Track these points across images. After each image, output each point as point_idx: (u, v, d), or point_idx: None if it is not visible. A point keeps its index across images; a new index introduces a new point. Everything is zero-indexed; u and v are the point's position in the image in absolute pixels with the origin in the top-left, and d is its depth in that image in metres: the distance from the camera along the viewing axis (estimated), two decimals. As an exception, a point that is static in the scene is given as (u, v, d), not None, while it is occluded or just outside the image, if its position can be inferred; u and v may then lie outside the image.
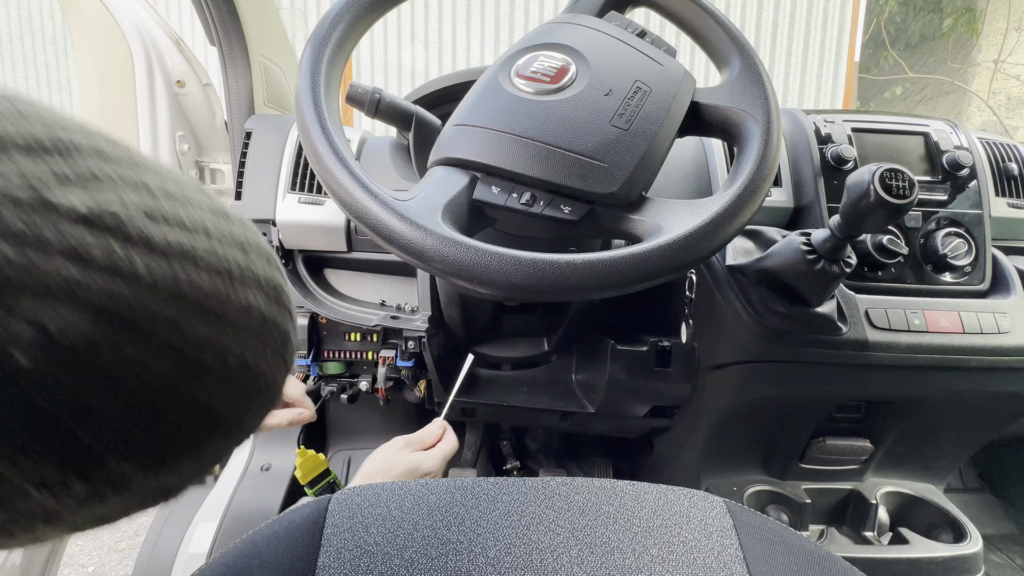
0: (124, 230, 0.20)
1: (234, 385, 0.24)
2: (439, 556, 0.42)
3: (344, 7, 0.55)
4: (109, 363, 0.20)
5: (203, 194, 0.24)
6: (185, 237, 0.22)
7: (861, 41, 2.95)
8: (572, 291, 0.44)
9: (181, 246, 0.22)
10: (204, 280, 0.22)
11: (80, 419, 0.19)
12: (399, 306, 0.92)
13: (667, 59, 0.56)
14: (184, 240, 0.22)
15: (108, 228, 0.20)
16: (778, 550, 0.44)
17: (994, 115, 3.91)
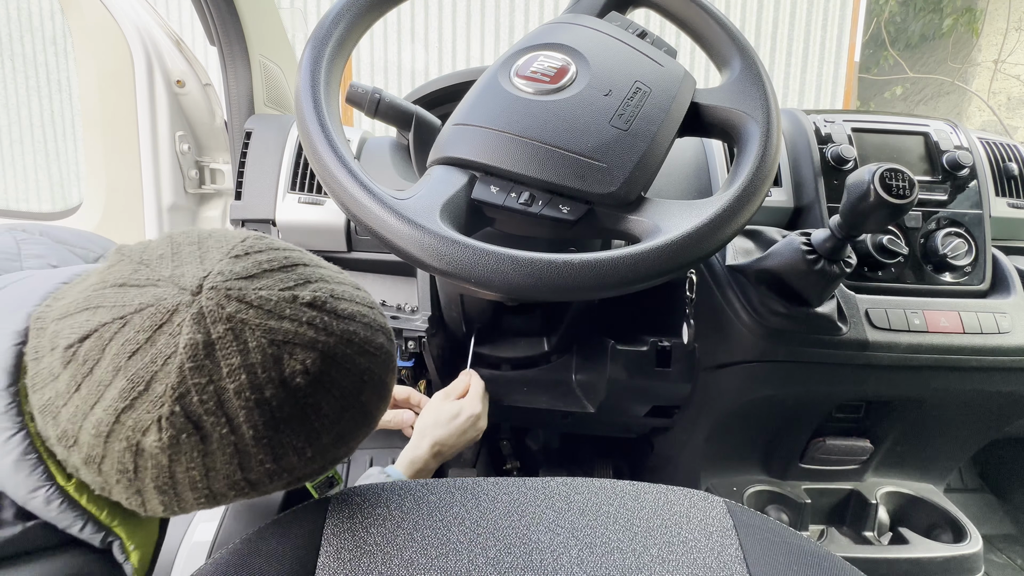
0: (328, 307, 0.39)
1: (376, 392, 0.43)
2: (439, 556, 0.42)
3: (344, 7, 0.55)
4: (326, 382, 0.38)
5: (353, 284, 0.43)
6: (350, 305, 0.41)
7: (861, 41, 2.95)
8: (571, 291, 0.44)
9: (352, 312, 0.41)
10: (361, 331, 0.41)
11: (314, 411, 0.38)
12: (399, 306, 0.92)
13: (667, 60, 0.56)
14: (351, 309, 0.41)
15: (321, 307, 0.39)
16: (778, 550, 0.44)
17: (994, 115, 3.91)
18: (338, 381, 0.39)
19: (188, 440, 0.35)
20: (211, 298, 0.35)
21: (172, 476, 0.36)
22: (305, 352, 0.37)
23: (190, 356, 0.34)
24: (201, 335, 0.35)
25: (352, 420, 0.42)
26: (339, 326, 0.39)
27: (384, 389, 0.44)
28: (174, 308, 0.35)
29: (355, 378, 0.40)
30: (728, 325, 0.72)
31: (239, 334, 0.35)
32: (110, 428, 0.34)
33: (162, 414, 0.34)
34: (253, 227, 0.86)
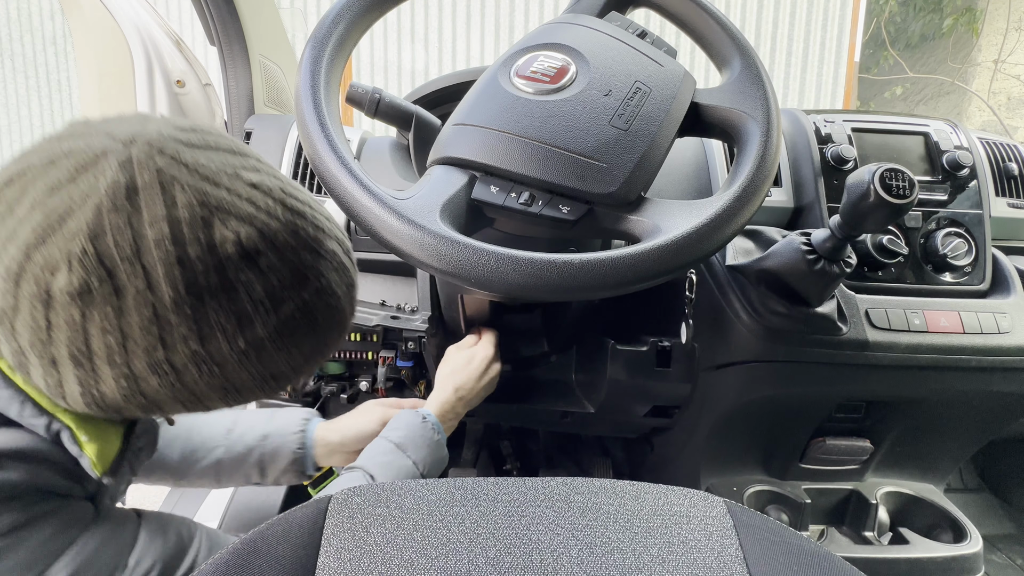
0: (274, 195, 0.38)
1: (323, 298, 0.41)
2: (439, 556, 0.42)
3: (344, 7, 0.55)
4: (262, 263, 0.37)
5: (320, 203, 0.43)
6: (302, 205, 0.40)
7: (861, 41, 2.95)
8: (570, 291, 0.44)
9: (302, 209, 0.40)
10: (311, 230, 0.40)
11: (246, 290, 0.36)
12: (399, 306, 0.92)
13: (667, 60, 0.56)
14: (302, 207, 0.40)
15: (267, 192, 0.38)
16: (778, 550, 0.44)
17: (994, 115, 3.91)
18: (276, 267, 0.37)
19: (101, 289, 0.33)
20: (143, 150, 0.34)
21: (87, 341, 0.34)
22: (240, 224, 0.35)
23: (110, 197, 0.33)
24: (125, 178, 0.33)
25: (293, 320, 0.39)
26: (285, 215, 0.38)
27: (334, 300, 0.42)
28: (102, 152, 0.34)
29: (297, 272, 0.38)
30: (728, 325, 0.72)
31: (167, 187, 0.34)
32: (20, 267, 0.33)
33: (73, 251, 0.32)
34: None
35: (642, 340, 0.82)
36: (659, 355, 0.82)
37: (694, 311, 0.74)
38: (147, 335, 0.35)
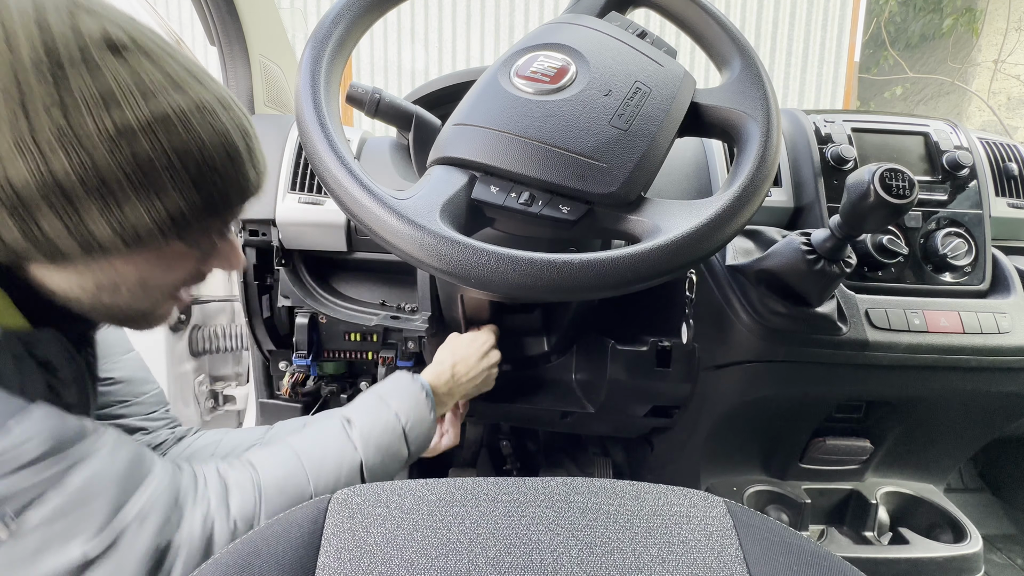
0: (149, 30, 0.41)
1: (204, 116, 0.41)
2: (439, 556, 0.43)
3: (344, 7, 0.55)
4: (130, 59, 0.38)
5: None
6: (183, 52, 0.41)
7: (861, 41, 2.95)
8: (570, 291, 0.44)
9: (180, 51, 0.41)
10: (190, 63, 0.42)
11: (112, 74, 0.37)
12: (399, 306, 0.92)
13: (667, 60, 0.56)
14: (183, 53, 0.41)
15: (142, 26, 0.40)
16: (778, 550, 0.44)
17: (994, 115, 3.91)
18: (146, 68, 0.38)
19: None
20: None
21: None
22: (108, 23, 0.38)
23: None
24: None
25: (168, 122, 0.39)
26: (159, 40, 0.41)
27: (219, 126, 0.42)
28: None
29: (170, 78, 0.39)
30: (728, 325, 0.72)
31: None
32: None
33: None
34: (253, 227, 0.86)
35: (642, 340, 0.82)
36: (659, 355, 0.82)
37: (694, 311, 0.74)
38: (8, 100, 0.34)
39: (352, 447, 0.55)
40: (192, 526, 0.43)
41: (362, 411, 0.60)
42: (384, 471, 0.57)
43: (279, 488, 0.49)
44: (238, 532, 0.45)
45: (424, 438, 0.63)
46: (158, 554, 0.40)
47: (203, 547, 0.43)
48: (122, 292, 0.45)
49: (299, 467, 0.51)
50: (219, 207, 0.45)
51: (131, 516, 0.40)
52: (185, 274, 0.49)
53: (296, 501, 0.47)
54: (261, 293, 0.92)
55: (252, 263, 0.90)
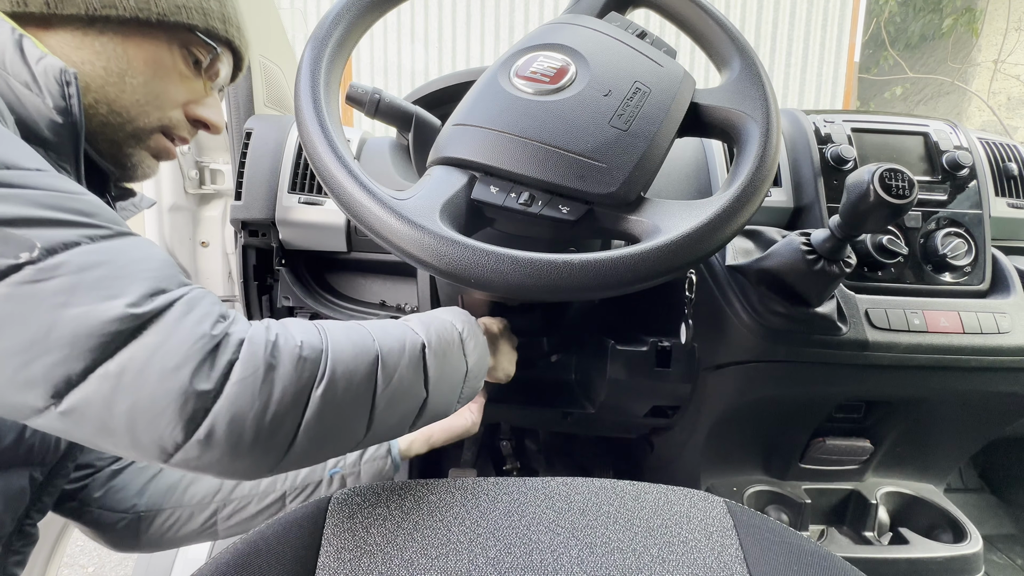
0: None
1: None
2: (439, 556, 0.43)
3: (344, 7, 0.55)
4: None
5: None
6: None
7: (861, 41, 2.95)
8: (570, 291, 0.44)
9: None
10: None
11: None
12: (399, 306, 0.92)
13: (667, 60, 0.56)
14: None
15: None
16: (778, 550, 0.44)
17: (994, 115, 3.91)
18: None
19: None
20: None
21: None
22: None
23: None
24: None
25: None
26: None
27: None
28: None
29: None
30: (728, 325, 0.72)
31: None
32: None
33: None
34: (253, 227, 0.86)
35: (642, 340, 0.82)
36: (659, 355, 0.82)
37: (694, 311, 0.74)
38: None
39: (411, 330, 0.49)
40: (255, 330, 0.38)
41: (415, 316, 0.54)
42: (447, 373, 0.49)
43: (344, 332, 0.43)
44: (304, 355, 0.39)
45: (481, 357, 0.55)
46: (214, 341, 0.36)
47: (268, 350, 0.38)
48: (127, 86, 0.51)
49: (360, 327, 0.46)
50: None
51: (177, 297, 0.36)
52: (184, 93, 0.55)
53: (362, 350, 0.42)
54: (261, 293, 0.92)
55: (252, 263, 0.90)
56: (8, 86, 0.44)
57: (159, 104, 0.53)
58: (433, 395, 0.47)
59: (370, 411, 0.43)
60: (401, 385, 0.44)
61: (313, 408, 0.39)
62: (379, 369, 0.43)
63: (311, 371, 0.39)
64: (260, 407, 0.36)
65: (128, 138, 0.53)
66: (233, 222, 0.86)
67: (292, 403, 0.38)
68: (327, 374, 0.39)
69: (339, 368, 0.40)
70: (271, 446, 0.37)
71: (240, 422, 0.35)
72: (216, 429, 0.35)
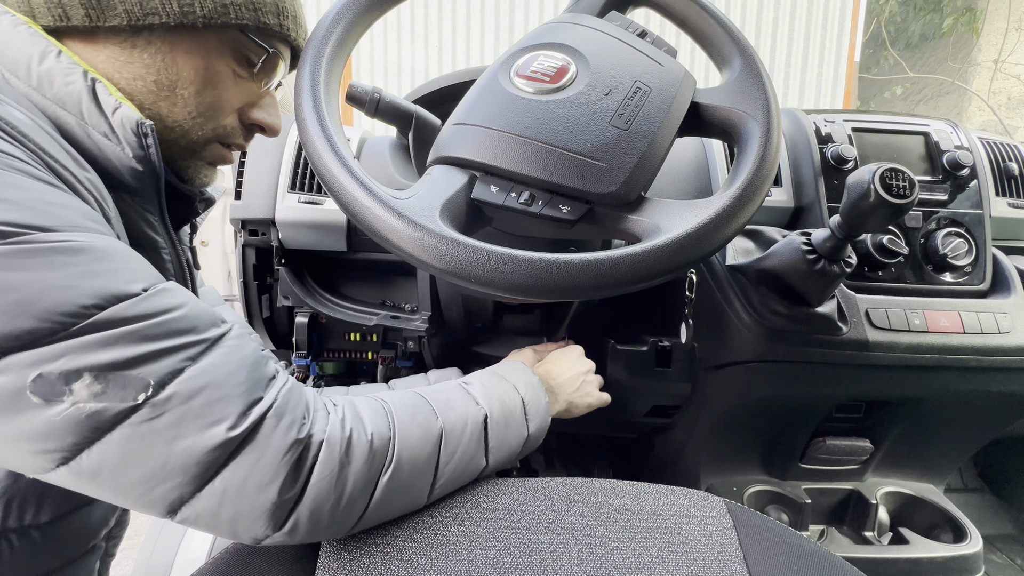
0: None
1: None
2: (439, 556, 0.42)
3: (344, 7, 0.55)
4: None
5: None
6: None
7: (861, 41, 2.95)
8: (570, 291, 0.44)
9: None
10: None
11: None
12: (399, 306, 0.92)
13: (667, 59, 0.56)
14: None
15: None
16: (778, 550, 0.44)
17: (994, 115, 3.90)
18: None
19: None
20: None
21: None
22: None
23: None
24: None
25: None
26: None
27: None
28: None
29: None
30: (728, 325, 0.72)
31: None
32: None
33: None
34: (253, 227, 0.86)
35: (642, 340, 0.82)
36: (659, 355, 0.82)
37: (694, 311, 0.74)
38: None
39: (474, 402, 0.52)
40: (332, 428, 0.42)
41: (479, 377, 0.57)
42: (508, 441, 0.53)
43: (409, 414, 0.47)
44: (375, 447, 0.43)
45: (543, 422, 0.58)
46: (299, 448, 0.40)
47: (343, 449, 0.42)
48: (179, 100, 0.49)
49: (425, 404, 0.50)
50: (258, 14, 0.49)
51: (267, 406, 0.39)
52: (238, 98, 0.52)
53: (426, 432, 0.46)
54: (261, 293, 0.92)
55: (252, 262, 0.90)
56: (88, 135, 0.44)
57: (213, 114, 0.51)
58: (493, 462, 0.52)
59: (432, 484, 0.47)
60: (464, 458, 0.49)
61: (380, 491, 0.43)
62: (442, 446, 0.47)
63: (380, 461, 0.44)
64: (335, 500, 0.41)
65: (183, 152, 0.52)
66: (233, 221, 0.86)
67: (363, 490, 0.42)
68: (394, 461, 0.44)
69: (405, 454, 0.45)
70: (343, 526, 0.43)
71: (318, 514, 0.41)
72: (299, 523, 0.40)
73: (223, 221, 1.28)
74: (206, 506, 0.38)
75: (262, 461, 0.38)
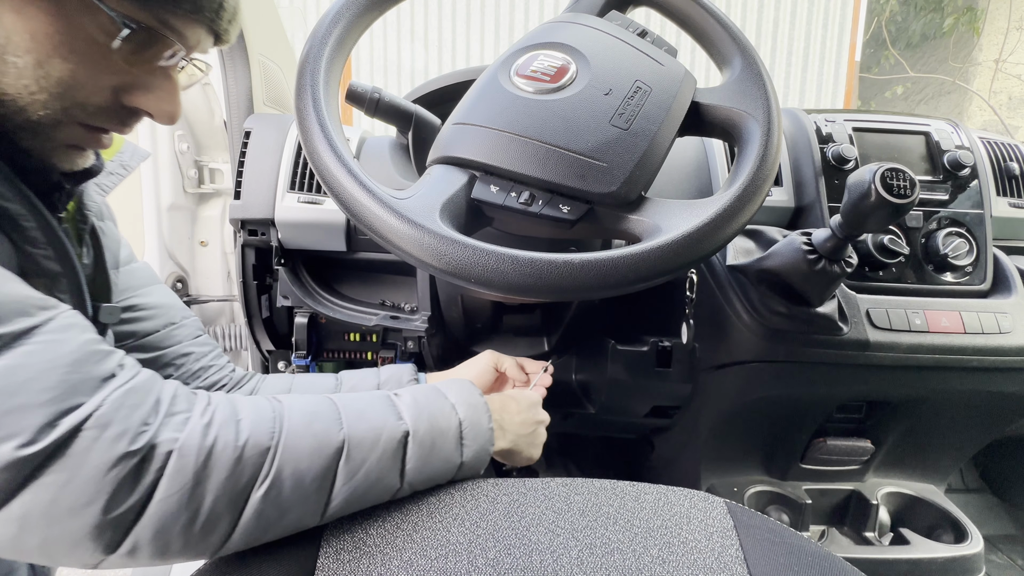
0: None
1: None
2: (439, 556, 0.42)
3: (343, 6, 0.55)
4: None
5: None
6: None
7: (862, 40, 2.95)
8: (570, 291, 0.44)
9: None
10: None
11: None
12: (399, 306, 0.92)
13: (668, 59, 0.56)
14: None
15: None
16: (779, 550, 0.44)
17: (995, 114, 3.90)
18: None
19: None
20: None
21: None
22: None
23: None
24: None
25: None
26: None
27: None
28: None
29: None
30: (729, 325, 0.72)
31: None
32: None
33: None
34: (252, 227, 0.86)
35: (642, 340, 0.82)
36: (659, 355, 0.82)
37: (694, 311, 0.74)
38: None
39: (395, 415, 0.46)
40: (190, 435, 0.36)
41: (414, 391, 0.51)
42: (431, 463, 0.47)
43: (306, 421, 0.41)
44: (245, 457, 0.37)
45: (482, 450, 0.51)
46: (132, 460, 0.34)
47: (201, 460, 0.36)
48: (10, 68, 0.39)
49: (331, 412, 0.44)
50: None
51: (87, 415, 0.33)
52: (110, 76, 0.42)
53: (322, 443, 0.41)
54: (260, 293, 0.92)
55: (251, 263, 0.89)
56: None
57: (65, 93, 0.41)
58: (409, 487, 0.46)
59: (324, 505, 0.41)
60: (370, 476, 0.43)
61: (252, 508, 0.38)
62: (341, 462, 0.41)
63: (251, 474, 0.38)
64: (188, 518, 0.35)
65: (21, 130, 0.42)
66: (232, 221, 0.86)
67: (228, 507, 0.37)
68: (272, 474, 0.38)
69: (288, 467, 0.39)
70: (205, 547, 0.37)
71: (166, 534, 0.35)
72: (140, 544, 0.34)
73: (222, 221, 1.28)
74: (3, 533, 0.32)
75: (76, 480, 0.32)
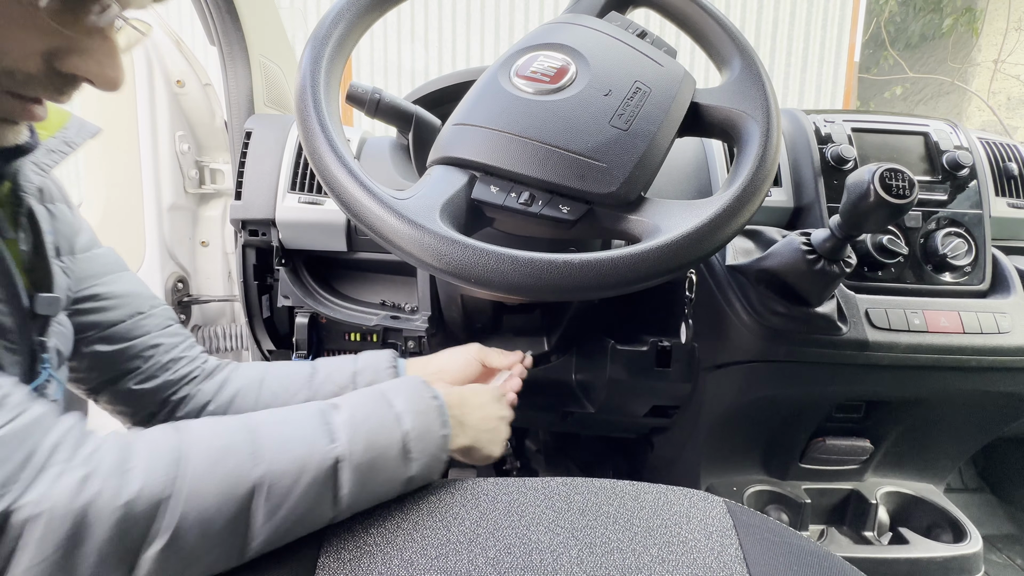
0: None
1: None
2: (439, 556, 0.42)
3: (344, 7, 0.55)
4: None
5: None
6: None
7: (861, 41, 2.95)
8: (570, 291, 0.44)
9: None
10: None
11: None
12: (399, 306, 0.92)
13: (667, 60, 0.56)
14: None
15: None
16: (778, 550, 0.44)
17: (994, 115, 3.91)
18: None
19: None
20: None
21: None
22: None
23: None
24: None
25: None
26: None
27: None
28: None
29: None
30: (728, 325, 0.72)
31: None
32: None
33: None
34: (253, 227, 0.86)
35: (642, 340, 0.82)
36: (659, 355, 0.82)
37: (694, 311, 0.74)
38: None
39: (328, 438, 0.42)
40: (59, 494, 0.32)
41: (355, 402, 0.47)
42: (370, 487, 0.44)
43: (211, 462, 0.37)
44: (135, 514, 0.33)
45: (433, 459, 0.48)
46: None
47: (73, 523, 0.32)
48: None
49: (245, 446, 0.39)
50: None
51: None
52: (37, 40, 0.37)
53: (231, 485, 0.37)
54: (261, 293, 0.92)
55: (252, 263, 0.90)
56: None
57: (11, 59, 0.36)
58: (348, 511, 0.43)
59: (242, 547, 0.38)
60: (296, 511, 0.40)
61: (148, 566, 0.34)
62: (260, 500, 0.38)
63: (142, 531, 0.34)
64: None
65: None
66: (233, 222, 0.86)
67: (114, 570, 0.33)
68: (173, 527, 0.34)
69: (192, 515, 0.35)
70: None
71: None
72: None
73: (223, 221, 1.28)
74: None
75: None
